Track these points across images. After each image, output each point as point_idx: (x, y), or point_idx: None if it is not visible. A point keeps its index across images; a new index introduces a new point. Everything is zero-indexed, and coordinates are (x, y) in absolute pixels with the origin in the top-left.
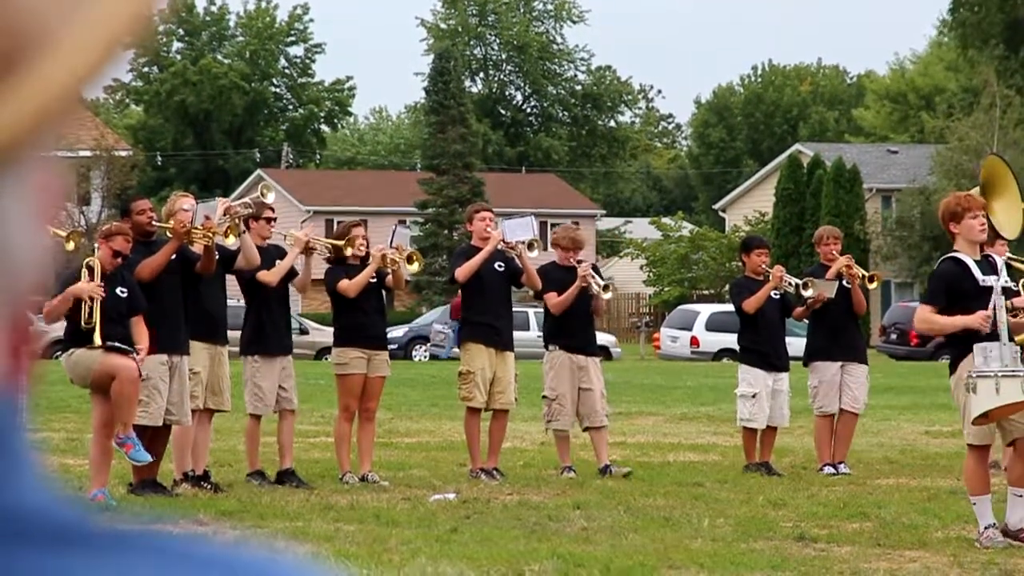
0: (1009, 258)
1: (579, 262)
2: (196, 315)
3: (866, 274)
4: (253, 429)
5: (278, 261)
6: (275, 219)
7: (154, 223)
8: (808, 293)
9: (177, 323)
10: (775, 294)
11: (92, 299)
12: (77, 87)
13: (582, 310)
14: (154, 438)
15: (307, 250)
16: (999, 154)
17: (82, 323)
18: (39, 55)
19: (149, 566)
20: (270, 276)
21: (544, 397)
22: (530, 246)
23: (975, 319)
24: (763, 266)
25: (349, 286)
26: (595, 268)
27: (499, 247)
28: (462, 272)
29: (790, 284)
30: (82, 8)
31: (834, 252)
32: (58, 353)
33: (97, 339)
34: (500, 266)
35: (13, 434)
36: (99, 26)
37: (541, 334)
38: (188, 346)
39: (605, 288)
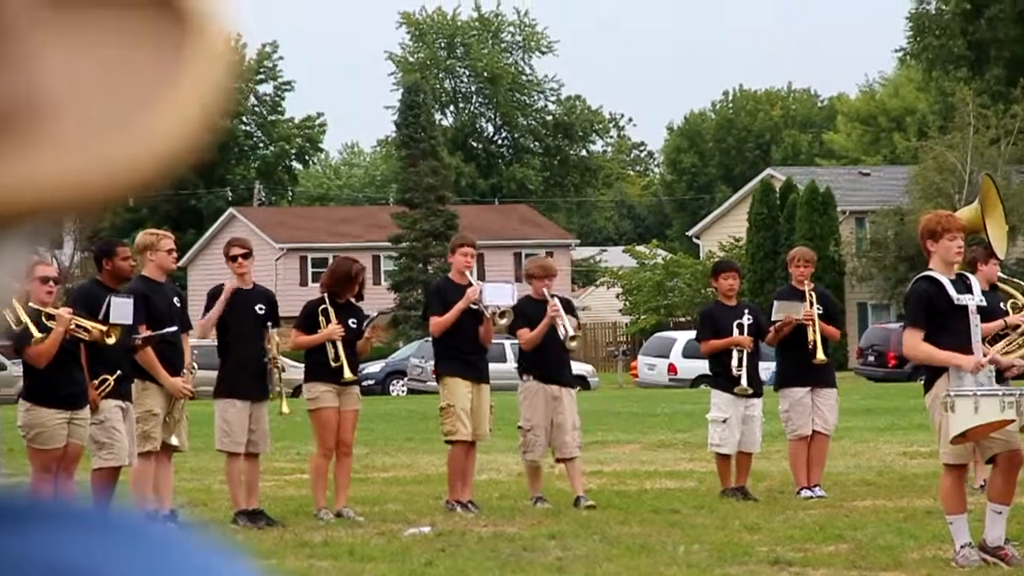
0: (1000, 278)
1: (552, 296)
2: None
3: (817, 342)
4: (230, 469)
5: (258, 307)
6: (249, 255)
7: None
8: (776, 316)
9: (127, 372)
10: (748, 319)
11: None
12: (85, 177)
13: (556, 341)
14: (110, 478)
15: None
16: (991, 175)
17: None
18: (45, 127)
19: (66, 536)
20: (301, 342)
21: (519, 428)
22: (503, 315)
23: (969, 363)
24: (731, 291)
25: (309, 339)
26: (568, 304)
27: (472, 304)
28: (437, 327)
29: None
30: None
31: (804, 274)
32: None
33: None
34: (474, 305)
35: None
36: (152, 118)
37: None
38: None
39: (572, 339)
